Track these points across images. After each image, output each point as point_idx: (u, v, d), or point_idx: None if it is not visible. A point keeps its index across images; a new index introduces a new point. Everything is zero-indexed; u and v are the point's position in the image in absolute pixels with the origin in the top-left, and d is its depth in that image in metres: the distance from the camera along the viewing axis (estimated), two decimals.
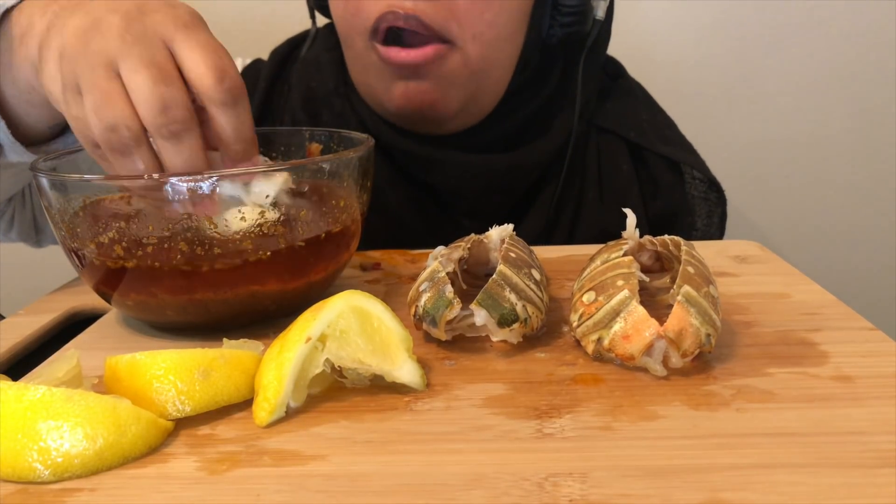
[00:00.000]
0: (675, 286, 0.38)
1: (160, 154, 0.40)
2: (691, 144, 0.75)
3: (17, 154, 0.53)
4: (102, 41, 0.38)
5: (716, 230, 0.72)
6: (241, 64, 0.78)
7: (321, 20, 0.72)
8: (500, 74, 0.63)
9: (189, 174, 0.39)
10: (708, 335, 0.37)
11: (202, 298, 0.42)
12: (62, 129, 0.55)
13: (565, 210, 0.69)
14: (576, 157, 0.69)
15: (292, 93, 0.71)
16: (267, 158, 0.44)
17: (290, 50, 0.75)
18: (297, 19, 0.75)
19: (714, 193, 0.71)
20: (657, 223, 0.70)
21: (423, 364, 0.37)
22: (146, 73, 0.38)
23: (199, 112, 0.40)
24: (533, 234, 0.67)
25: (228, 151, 0.41)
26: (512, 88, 0.65)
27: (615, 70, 0.76)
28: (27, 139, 0.53)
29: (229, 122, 0.40)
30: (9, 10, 0.46)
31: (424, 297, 0.40)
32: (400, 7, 0.56)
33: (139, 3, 0.40)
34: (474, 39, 0.58)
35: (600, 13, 0.65)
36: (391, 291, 0.51)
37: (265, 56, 0.77)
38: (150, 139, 0.40)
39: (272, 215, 0.41)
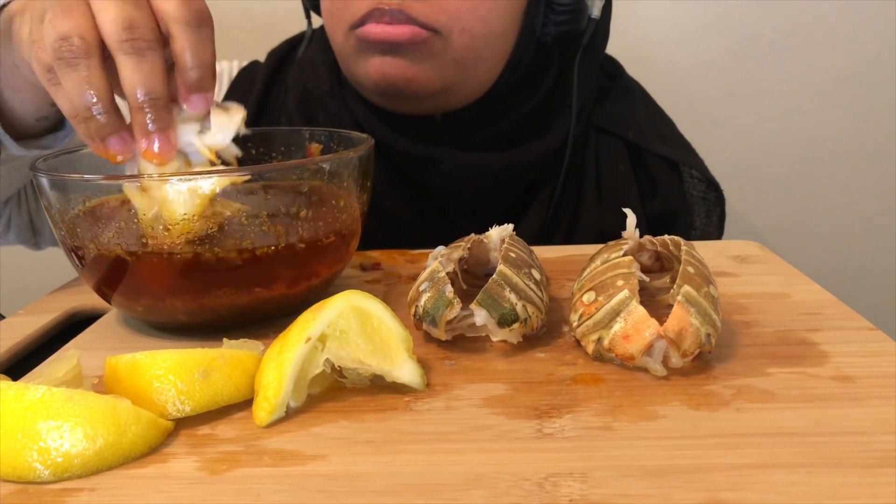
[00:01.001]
0: (675, 286, 0.38)
1: (119, 70, 0.38)
2: (690, 144, 0.75)
3: (8, 146, 0.53)
4: None
5: (715, 229, 0.72)
6: (237, 66, 0.78)
7: (317, 21, 0.72)
8: (487, 68, 0.63)
9: (188, 174, 0.39)
10: (708, 335, 0.37)
11: (202, 298, 0.42)
12: (51, 124, 0.55)
13: (564, 211, 0.69)
14: (574, 157, 0.69)
15: (288, 94, 0.72)
16: (220, 102, 0.43)
17: (286, 51, 0.76)
18: (296, 20, 0.75)
19: (713, 193, 0.71)
20: (656, 223, 0.70)
21: (423, 364, 0.37)
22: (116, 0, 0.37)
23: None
24: (531, 234, 0.67)
25: (185, 77, 0.40)
26: (506, 86, 0.65)
27: (614, 69, 0.76)
28: (15, 132, 0.53)
29: (190, 42, 0.39)
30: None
31: (424, 297, 0.40)
32: (387, 4, 0.56)
33: None
34: (463, 33, 0.58)
35: (595, 11, 0.64)
36: (391, 291, 0.51)
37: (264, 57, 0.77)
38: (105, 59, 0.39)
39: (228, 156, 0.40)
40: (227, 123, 0.41)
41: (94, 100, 0.38)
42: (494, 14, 0.59)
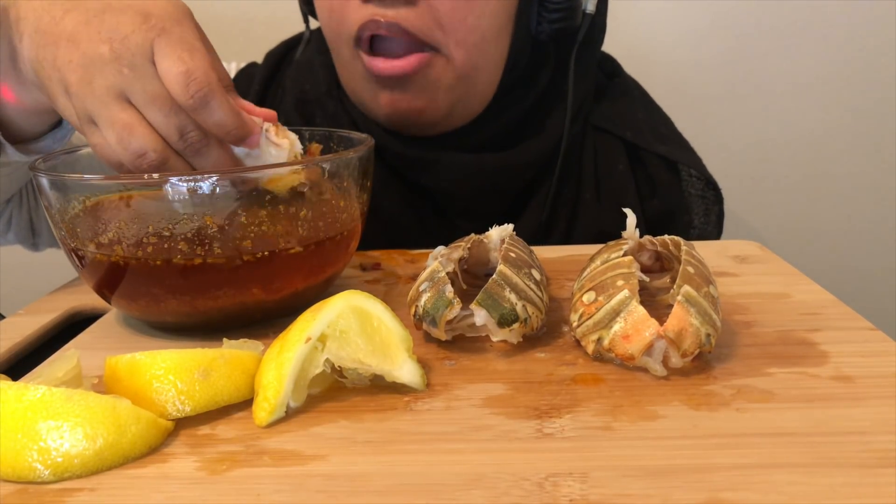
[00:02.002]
0: (675, 286, 0.38)
1: (192, 165, 0.43)
2: (688, 142, 0.74)
3: (9, 153, 0.53)
4: (102, 78, 0.41)
5: (713, 228, 0.72)
6: (235, 68, 0.78)
7: (314, 23, 0.72)
8: (488, 76, 0.63)
9: (188, 174, 0.40)
10: (708, 335, 0.37)
11: (202, 298, 0.42)
12: (49, 126, 0.56)
13: (562, 210, 0.69)
14: (572, 157, 0.69)
15: (286, 95, 0.72)
16: (270, 126, 0.46)
17: (284, 52, 0.76)
18: (294, 21, 0.75)
19: (711, 192, 0.71)
20: (654, 222, 0.70)
21: (423, 364, 0.37)
22: (155, 109, 0.41)
23: None
24: (529, 233, 0.67)
25: (227, 141, 0.44)
26: (503, 87, 0.65)
27: (612, 68, 0.76)
28: (13, 136, 0.53)
29: (209, 120, 0.42)
30: None
31: (424, 297, 0.40)
32: (382, 16, 0.56)
33: (115, 22, 0.41)
34: (458, 44, 0.58)
35: (590, 6, 0.64)
36: (391, 291, 0.51)
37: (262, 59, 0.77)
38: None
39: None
40: (280, 150, 0.45)
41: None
42: (484, 20, 0.59)
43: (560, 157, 0.67)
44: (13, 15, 0.45)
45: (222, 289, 0.42)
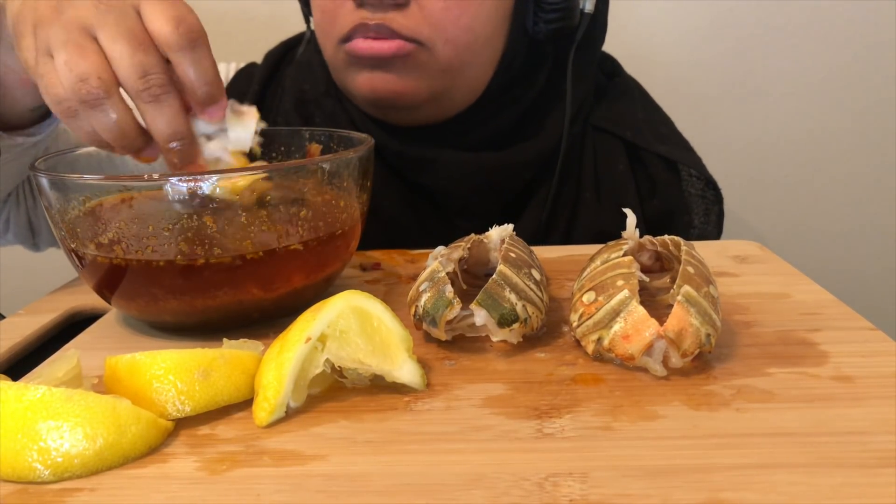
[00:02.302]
0: (675, 286, 0.38)
1: (144, 118, 0.41)
2: (688, 142, 0.74)
3: None
4: (75, 11, 0.39)
5: (713, 228, 0.72)
6: (235, 67, 0.78)
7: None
8: (477, 74, 0.63)
9: (188, 174, 0.40)
10: (708, 335, 0.37)
11: (202, 298, 0.42)
12: (40, 115, 0.56)
13: (562, 210, 0.69)
14: (572, 157, 0.69)
15: (285, 95, 0.72)
16: (235, 101, 0.45)
17: (283, 52, 0.76)
18: (295, 21, 0.75)
19: (711, 191, 0.71)
20: (654, 222, 0.70)
21: (423, 364, 0.37)
22: (124, 42, 0.39)
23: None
24: (529, 233, 0.67)
25: (195, 96, 0.42)
26: (499, 86, 0.65)
27: (612, 68, 0.76)
28: (2, 123, 0.54)
29: (189, 65, 0.40)
30: None
31: (424, 297, 0.40)
32: (371, 19, 0.57)
33: None
34: (447, 43, 0.58)
35: (588, 6, 0.64)
36: (391, 291, 0.51)
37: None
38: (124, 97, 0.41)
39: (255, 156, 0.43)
40: (244, 124, 0.43)
41: (122, 133, 0.41)
42: (478, 22, 0.59)
43: (560, 156, 0.67)
44: None
45: (222, 289, 0.42)
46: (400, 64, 0.58)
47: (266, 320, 0.45)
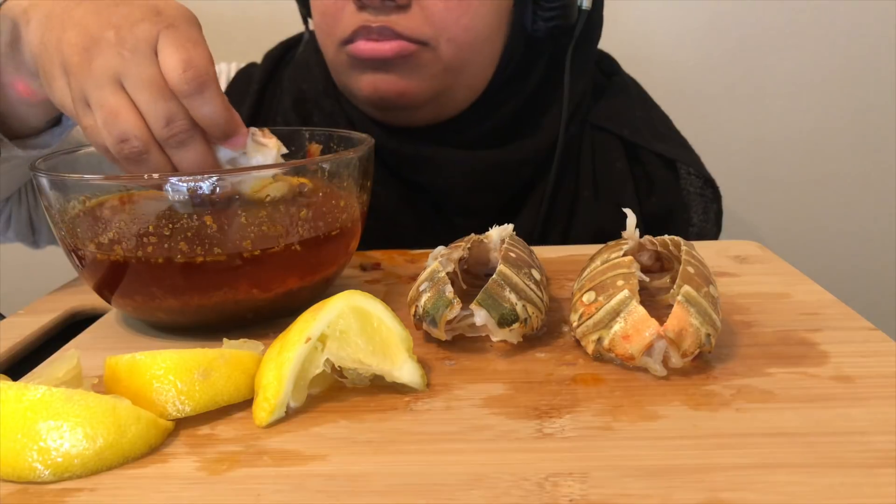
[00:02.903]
0: (675, 286, 0.38)
1: (172, 159, 0.43)
2: (686, 140, 0.75)
3: (8, 148, 0.53)
4: (102, 59, 0.41)
5: (712, 226, 0.72)
6: (235, 67, 0.78)
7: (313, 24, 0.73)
8: (478, 72, 0.63)
9: (189, 174, 0.40)
10: (708, 335, 0.37)
11: (202, 298, 0.42)
12: (47, 122, 0.56)
13: (560, 208, 0.69)
14: (570, 155, 0.69)
15: (284, 95, 0.72)
16: (257, 131, 0.46)
17: (282, 53, 0.76)
18: (294, 22, 0.75)
19: (709, 190, 0.71)
20: (653, 220, 0.70)
21: (423, 364, 0.37)
22: (146, 91, 0.41)
23: None
24: (527, 231, 0.67)
25: (213, 134, 0.43)
26: (496, 84, 0.65)
27: (610, 67, 0.76)
28: (13, 133, 0.53)
29: (199, 109, 0.42)
30: None
31: (424, 297, 0.40)
32: (373, 21, 0.57)
33: (126, 11, 0.42)
34: (449, 42, 0.59)
35: (586, 2, 0.64)
36: (391, 291, 0.51)
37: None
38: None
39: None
40: (265, 153, 0.45)
41: (160, 172, 0.43)
42: (479, 20, 0.59)
43: (557, 154, 0.67)
44: (24, 4, 0.46)
45: (222, 289, 0.42)
46: (402, 64, 0.59)
47: (265, 320, 0.44)
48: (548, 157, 0.68)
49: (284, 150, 0.46)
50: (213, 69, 0.42)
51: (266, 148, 0.45)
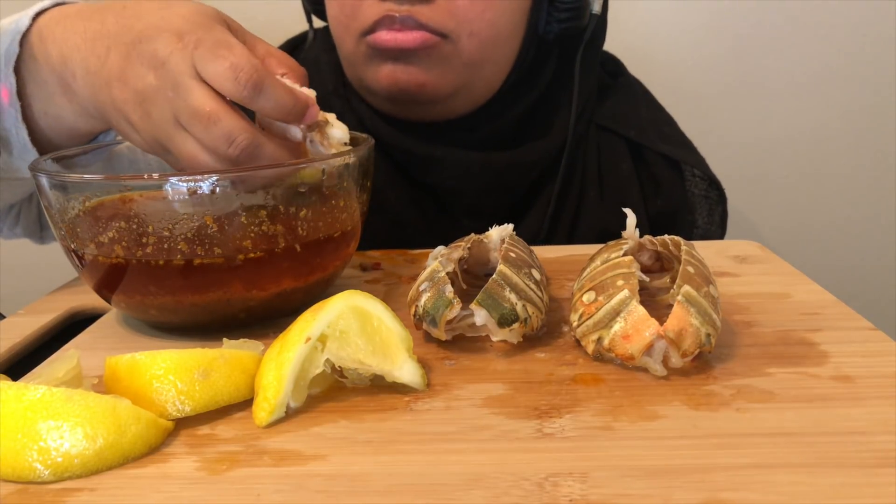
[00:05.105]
0: (675, 286, 0.38)
1: None
2: (691, 142, 0.75)
3: (26, 160, 0.53)
4: (158, 110, 0.42)
5: (717, 228, 0.72)
6: None
7: (318, 22, 0.72)
8: (496, 70, 0.63)
9: (189, 174, 0.40)
10: (708, 335, 0.37)
11: (202, 298, 0.42)
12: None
13: (566, 209, 0.69)
14: (576, 155, 0.69)
15: None
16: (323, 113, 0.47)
17: (288, 51, 0.76)
18: (297, 21, 0.75)
19: (714, 191, 0.71)
20: (658, 222, 0.70)
21: (423, 364, 0.37)
22: (197, 124, 0.41)
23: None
24: (533, 233, 0.67)
25: (287, 121, 0.44)
26: (511, 82, 0.65)
27: (615, 68, 0.76)
28: (42, 147, 0.53)
29: (266, 105, 0.42)
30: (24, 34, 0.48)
31: (424, 297, 0.40)
32: (396, 10, 0.56)
33: (152, 50, 0.42)
34: (472, 36, 0.58)
35: (597, 7, 0.64)
36: (391, 291, 0.51)
37: None
38: None
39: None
40: (337, 124, 0.46)
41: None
42: (501, 16, 0.59)
43: (565, 155, 0.67)
44: (55, 54, 0.47)
45: (222, 288, 0.42)
46: (424, 56, 0.58)
47: (266, 320, 0.44)
48: (556, 157, 0.68)
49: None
50: (256, 61, 0.41)
51: (328, 118, 0.46)
